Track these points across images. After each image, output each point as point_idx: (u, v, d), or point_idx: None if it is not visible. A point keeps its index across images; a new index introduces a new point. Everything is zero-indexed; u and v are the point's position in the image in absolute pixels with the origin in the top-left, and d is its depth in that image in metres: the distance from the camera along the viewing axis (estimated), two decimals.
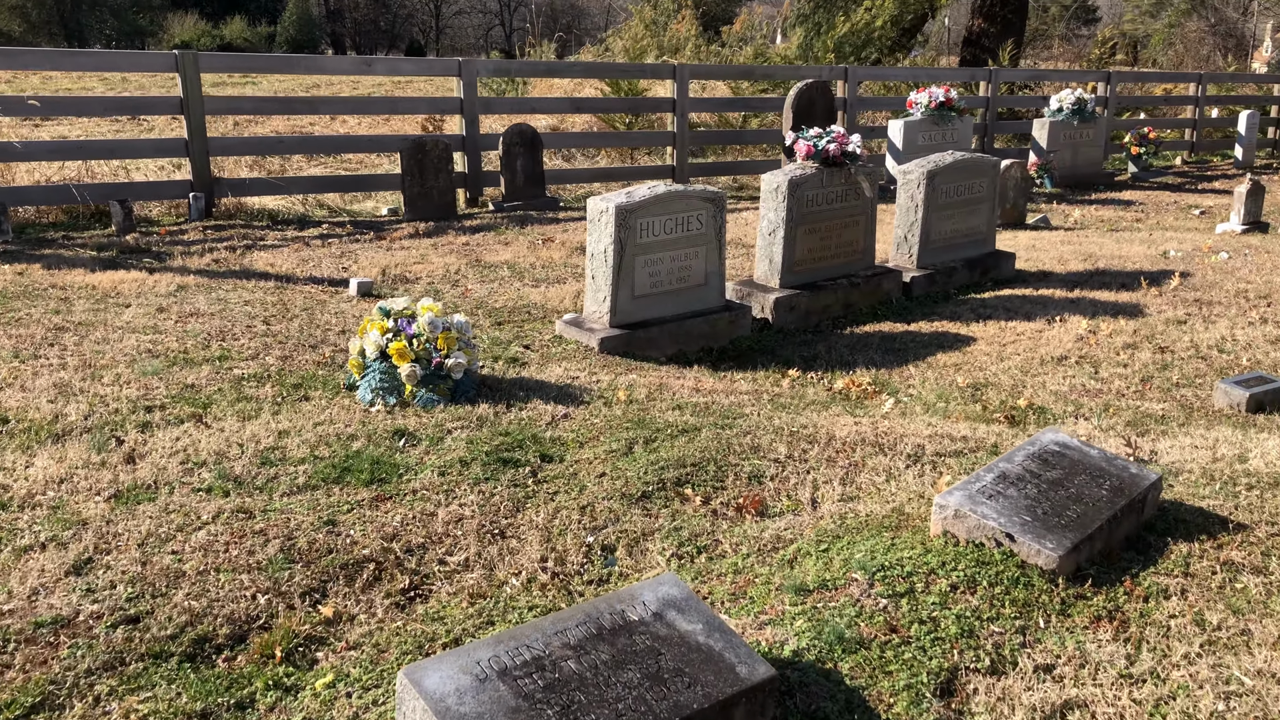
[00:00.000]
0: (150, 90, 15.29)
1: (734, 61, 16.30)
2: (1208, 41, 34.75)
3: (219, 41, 48.18)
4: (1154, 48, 35.88)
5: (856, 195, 6.69)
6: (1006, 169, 10.02)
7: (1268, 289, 7.02)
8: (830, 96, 11.99)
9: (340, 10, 64.05)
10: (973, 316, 6.56)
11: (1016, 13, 21.46)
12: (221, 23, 51.08)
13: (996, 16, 21.66)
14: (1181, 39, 32.58)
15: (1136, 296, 6.90)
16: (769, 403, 4.82)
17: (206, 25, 49.75)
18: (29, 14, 48.32)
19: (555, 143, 11.39)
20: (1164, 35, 36.12)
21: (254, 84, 19.46)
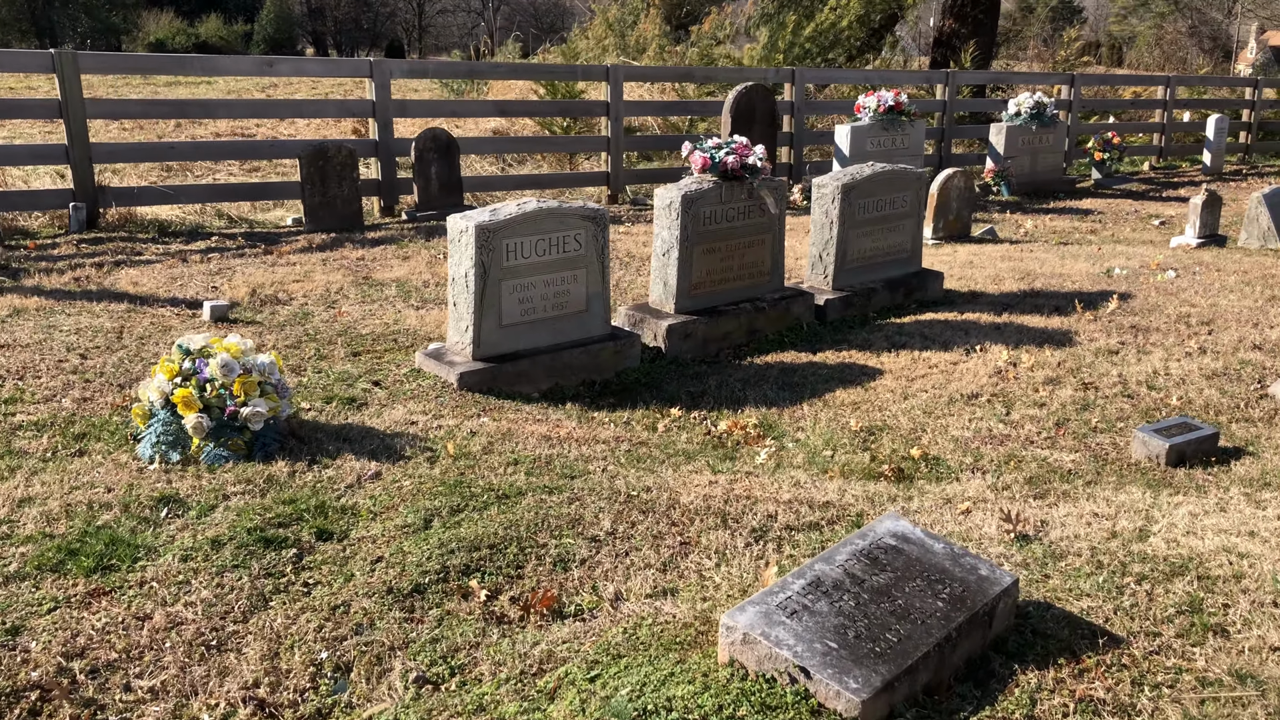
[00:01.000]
0: (36, 93, 14.60)
1: (690, 63, 15.68)
2: (1184, 43, 34.36)
3: (194, 40, 47.37)
4: (1139, 49, 35.46)
5: (761, 212, 6.10)
6: (949, 179, 9.46)
7: (1212, 313, 6.45)
8: (771, 101, 11.40)
9: (322, 9, 63.26)
10: (886, 345, 5.97)
11: (988, 13, 20.94)
12: (197, 20, 50.25)
13: (967, 17, 21.14)
14: (1158, 41, 32.15)
15: (1069, 322, 6.32)
16: (626, 454, 4.22)
17: (182, 23, 48.90)
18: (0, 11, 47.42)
19: (475, 148, 10.76)
20: (1147, 37, 35.72)
21: (209, 84, 18.75)
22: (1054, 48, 40.32)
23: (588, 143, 11.47)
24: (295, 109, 9.99)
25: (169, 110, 9.30)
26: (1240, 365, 5.50)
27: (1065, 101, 15.70)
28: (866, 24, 22.31)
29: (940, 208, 9.53)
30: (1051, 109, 13.48)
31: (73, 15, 50.55)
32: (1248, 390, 5.15)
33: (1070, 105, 15.66)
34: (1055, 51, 20.43)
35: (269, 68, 9.30)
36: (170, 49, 43.36)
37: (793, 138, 12.70)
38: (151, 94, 16.29)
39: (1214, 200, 9.37)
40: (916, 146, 12.29)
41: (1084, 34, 42.70)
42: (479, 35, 60.10)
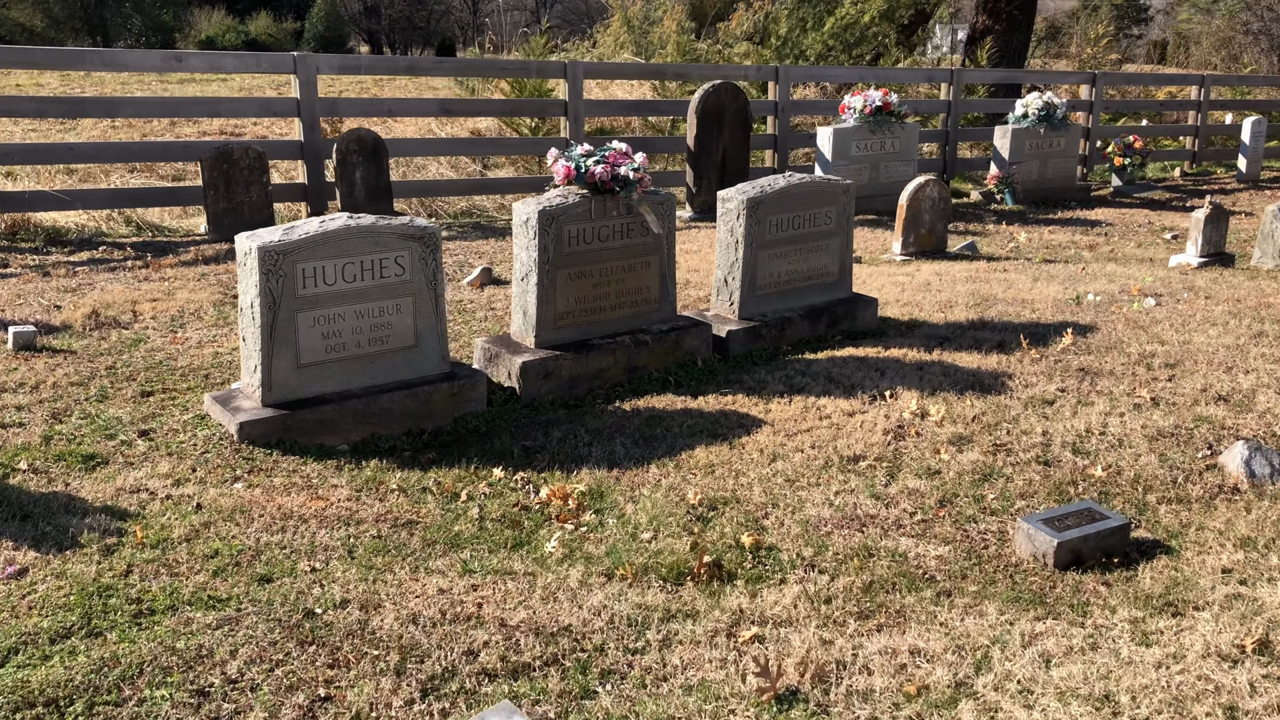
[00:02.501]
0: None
1: (670, 59, 14.79)
2: (1240, 41, 32.75)
3: (244, 37, 47.36)
4: (1205, 49, 33.83)
5: (644, 230, 5.22)
6: (919, 189, 8.50)
7: (1181, 353, 5.47)
8: (743, 101, 10.49)
9: (377, 7, 63.26)
10: (782, 389, 5.08)
11: (1023, 9, 19.79)
12: (248, 18, 50.26)
13: (1001, 13, 20.01)
14: (1208, 39, 30.57)
15: (1008, 362, 5.38)
16: (370, 542, 3.40)
17: (233, 21, 48.93)
18: (51, 9, 47.76)
19: (408, 150, 9.98)
20: (1210, 36, 34.13)
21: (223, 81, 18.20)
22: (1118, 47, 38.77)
23: (544, 145, 10.63)
24: (210, 107, 9.27)
25: (67, 109, 8.63)
26: (1195, 423, 4.53)
27: (1086, 103, 14.58)
28: (893, 20, 21.25)
29: (910, 220, 8.57)
30: (1062, 110, 12.42)
31: (125, 14, 50.85)
32: (1194, 458, 4.20)
33: (1091, 106, 14.52)
34: (1129, 50, 19.20)
35: (178, 63, 8.60)
36: (220, 47, 43.32)
37: (776, 140, 11.77)
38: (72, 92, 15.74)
39: (1219, 215, 8.31)
40: (909, 150, 11.32)
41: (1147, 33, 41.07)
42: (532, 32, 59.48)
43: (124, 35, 49.86)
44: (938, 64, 22.30)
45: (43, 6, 47.44)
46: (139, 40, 48.54)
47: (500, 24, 62.16)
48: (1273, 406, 4.71)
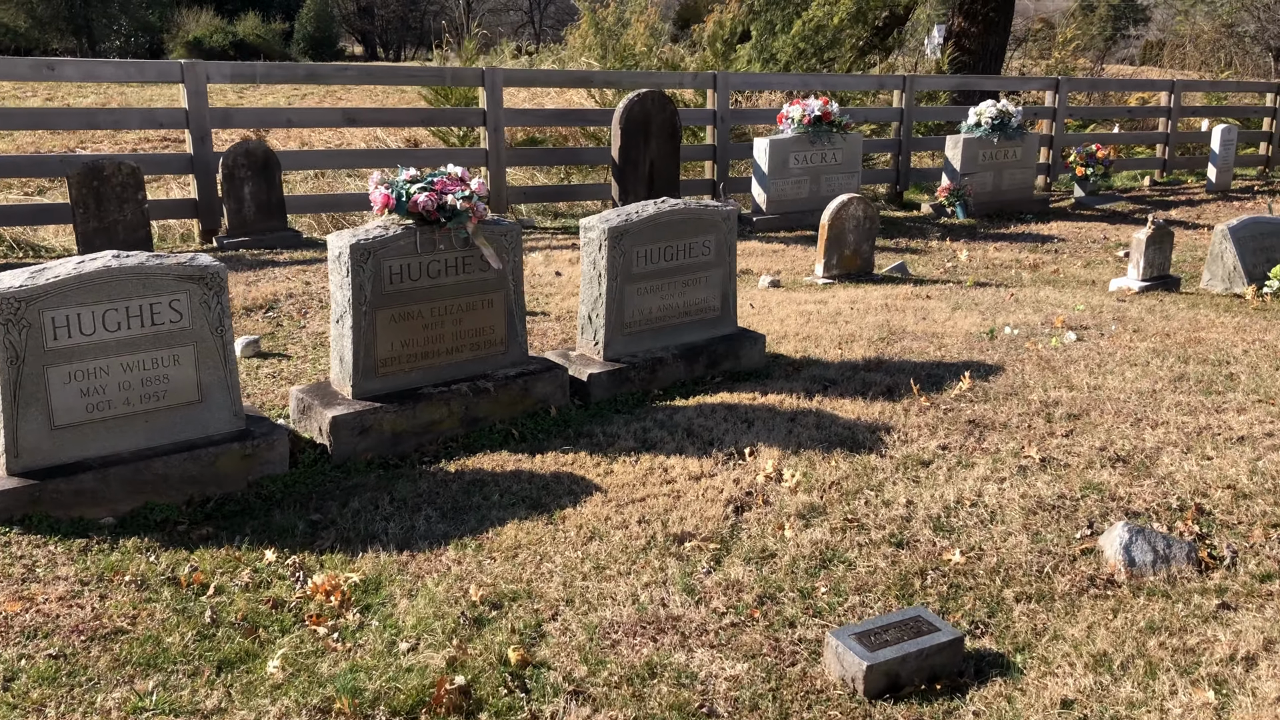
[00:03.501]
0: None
1: (611, 67, 14.22)
2: (1225, 44, 32.19)
3: (231, 38, 46.71)
4: (1201, 50, 33.26)
5: (483, 265, 4.64)
6: (842, 208, 7.93)
7: (1088, 402, 4.89)
8: (671, 110, 9.91)
9: (370, 7, 62.71)
10: (633, 444, 4.51)
11: (1000, 10, 19.26)
12: (236, 19, 49.58)
13: (978, 15, 19.52)
14: (1193, 42, 29.99)
15: (892, 411, 4.81)
16: (32, 676, 2.81)
17: (221, 21, 48.27)
18: (35, 10, 47.10)
19: (302, 163, 9.38)
20: (1203, 39, 33.54)
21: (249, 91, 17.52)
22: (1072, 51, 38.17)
23: (459, 156, 10.05)
24: (87, 119, 8.70)
25: None
26: (1084, 491, 3.95)
27: (1049, 109, 14.01)
28: (866, 22, 20.66)
29: (832, 241, 7.99)
30: (1017, 118, 11.85)
31: (111, 15, 50.18)
32: (1071, 539, 3.62)
33: (1054, 113, 13.95)
34: (1125, 52, 18.60)
35: (49, 71, 8.01)
36: (207, 48, 42.72)
37: (715, 151, 11.19)
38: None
39: (1162, 235, 7.74)
40: (852, 162, 10.76)
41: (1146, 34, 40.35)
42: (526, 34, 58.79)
43: (109, 36, 49.20)
44: (915, 67, 21.72)
45: (26, 7, 46.81)
46: (127, 41, 47.89)
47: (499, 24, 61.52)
48: (1174, 471, 4.14)
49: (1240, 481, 4.03)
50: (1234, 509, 3.84)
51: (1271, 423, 4.63)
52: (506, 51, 25.56)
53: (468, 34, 12.66)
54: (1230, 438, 4.48)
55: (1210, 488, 4.00)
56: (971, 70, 18.01)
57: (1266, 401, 4.91)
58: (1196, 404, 4.90)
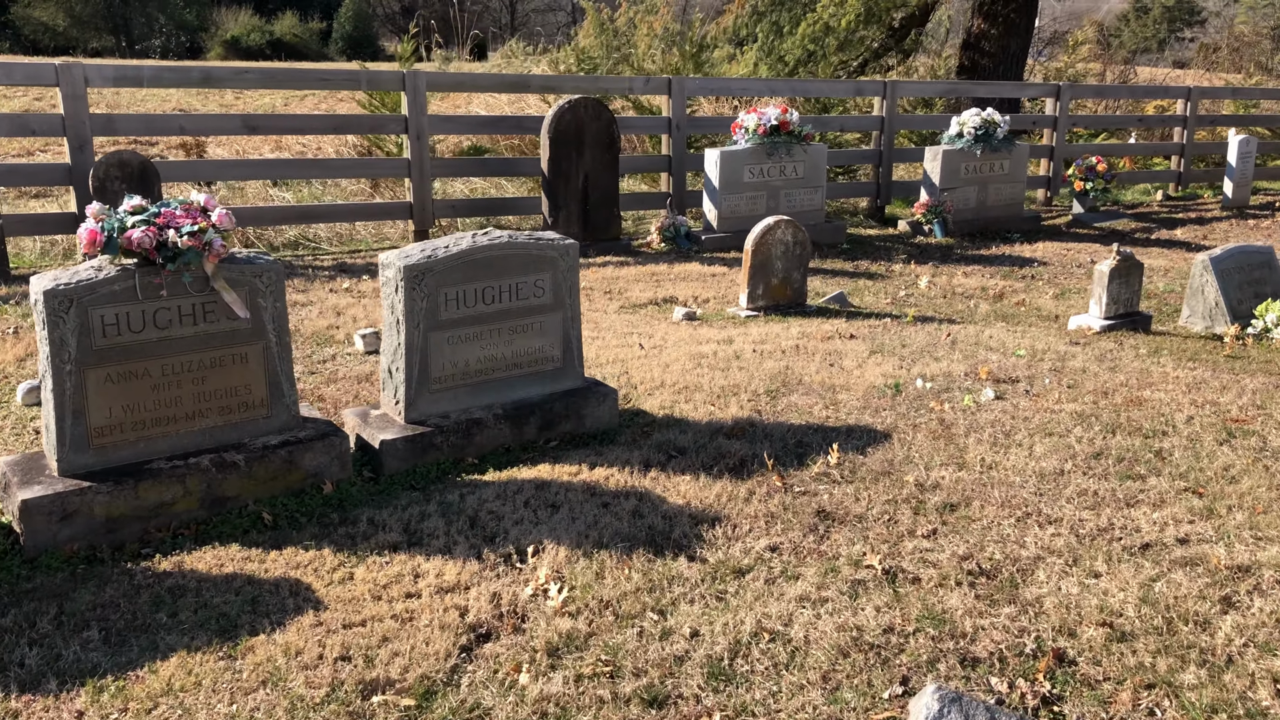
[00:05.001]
0: None
1: (579, 70, 13.38)
2: (1265, 47, 30.75)
3: (268, 37, 46.59)
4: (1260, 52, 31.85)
5: (229, 313, 3.82)
6: (767, 232, 7.04)
7: (975, 486, 3.99)
8: (607, 119, 9.06)
9: (413, 7, 62.57)
10: (396, 537, 3.73)
11: (1021, 12, 18.23)
12: (274, 18, 49.47)
13: (998, 16, 18.50)
14: (1230, 44, 28.59)
15: (732, 494, 3.99)
16: None
17: (259, 21, 48.18)
18: (74, 9, 47.23)
19: (188, 173, 8.62)
20: (1252, 40, 32.09)
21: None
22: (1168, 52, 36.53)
23: (379, 166, 9.27)
24: None
25: None
26: (920, 623, 3.06)
27: (1050, 118, 12.97)
28: (882, 23, 19.70)
29: (758, 269, 7.10)
30: (1004, 128, 10.85)
31: (150, 14, 50.23)
32: (874, 700, 2.74)
33: (1055, 122, 12.92)
34: (1068, 55, 17.51)
35: None
36: (244, 47, 42.60)
37: (671, 162, 10.31)
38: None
39: (1128, 267, 6.76)
40: (814, 176, 9.85)
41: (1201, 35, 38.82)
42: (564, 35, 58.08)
43: (149, 35, 49.21)
44: (934, 69, 20.69)
45: (65, 6, 46.90)
46: (168, 41, 47.90)
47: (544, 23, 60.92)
48: (1045, 594, 3.22)
49: (1124, 614, 3.11)
50: (1104, 657, 2.92)
51: (1189, 523, 3.69)
52: (518, 51, 24.85)
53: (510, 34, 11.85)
54: (1132, 545, 3.55)
55: (1083, 623, 3.09)
56: (991, 75, 16.97)
57: (1193, 491, 3.96)
58: (1106, 493, 3.96)
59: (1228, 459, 4.29)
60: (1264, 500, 3.88)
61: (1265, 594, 3.24)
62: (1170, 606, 3.18)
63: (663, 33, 19.26)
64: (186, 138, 11.12)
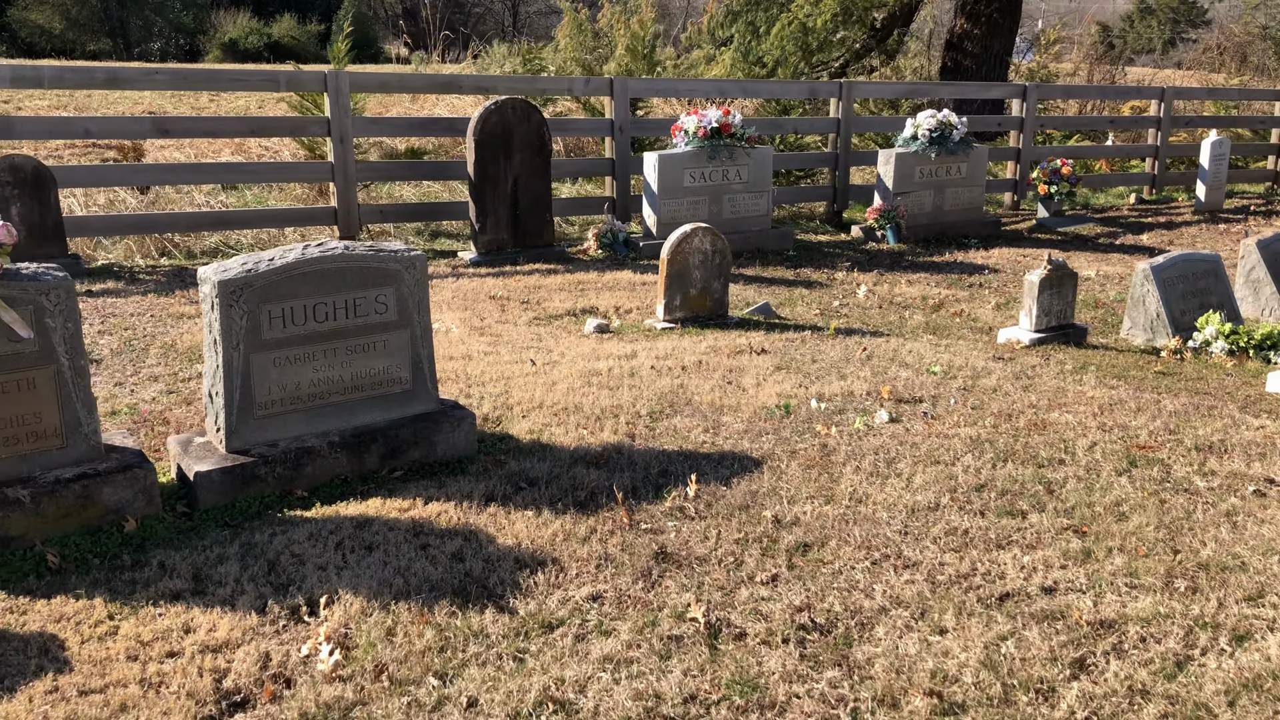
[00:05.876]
0: None
1: (537, 71, 13.01)
2: (1258, 47, 30.32)
3: (266, 39, 46.32)
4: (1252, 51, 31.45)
5: (10, 335, 3.45)
6: (684, 240, 6.67)
7: (841, 522, 3.62)
8: (537, 120, 8.69)
9: (415, 9, 62.45)
10: (180, 584, 3.39)
11: (1004, 12, 17.87)
12: (272, 20, 49.22)
13: (981, 16, 18.15)
14: (1217, 43, 28.15)
15: (573, 532, 3.64)
16: None
17: (258, 23, 47.92)
18: (70, 11, 46.99)
19: (98, 179, 8.26)
20: (1242, 40, 31.64)
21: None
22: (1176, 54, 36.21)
23: (300, 170, 8.91)
24: None
25: None
26: (729, 689, 2.73)
27: (1016, 119, 12.59)
28: (863, 23, 19.32)
29: (675, 279, 6.73)
30: (960, 130, 10.46)
31: (147, 17, 49.99)
32: None
33: (1021, 124, 12.53)
34: (1040, 55, 17.11)
35: None
36: (242, 50, 42.33)
37: (614, 166, 9.95)
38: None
39: (1060, 277, 6.38)
40: (760, 180, 9.48)
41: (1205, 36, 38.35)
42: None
43: (147, 38, 48.93)
44: (920, 71, 20.32)
45: (61, 9, 46.65)
46: (167, 43, 47.65)
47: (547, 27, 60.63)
48: (877, 654, 2.85)
49: (959, 681, 2.73)
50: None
51: (1061, 568, 3.31)
52: (500, 55, 24.54)
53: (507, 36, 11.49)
54: (991, 595, 3.17)
55: (911, 690, 2.71)
56: (974, 76, 16.59)
57: (1075, 530, 3.58)
58: (978, 532, 3.58)
59: (1122, 492, 3.91)
60: (1149, 541, 3.49)
61: (1124, 655, 2.86)
62: (1013, 671, 2.79)
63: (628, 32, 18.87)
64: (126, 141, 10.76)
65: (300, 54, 44.40)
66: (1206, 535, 3.57)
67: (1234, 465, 4.18)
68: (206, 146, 11.97)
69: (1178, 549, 3.46)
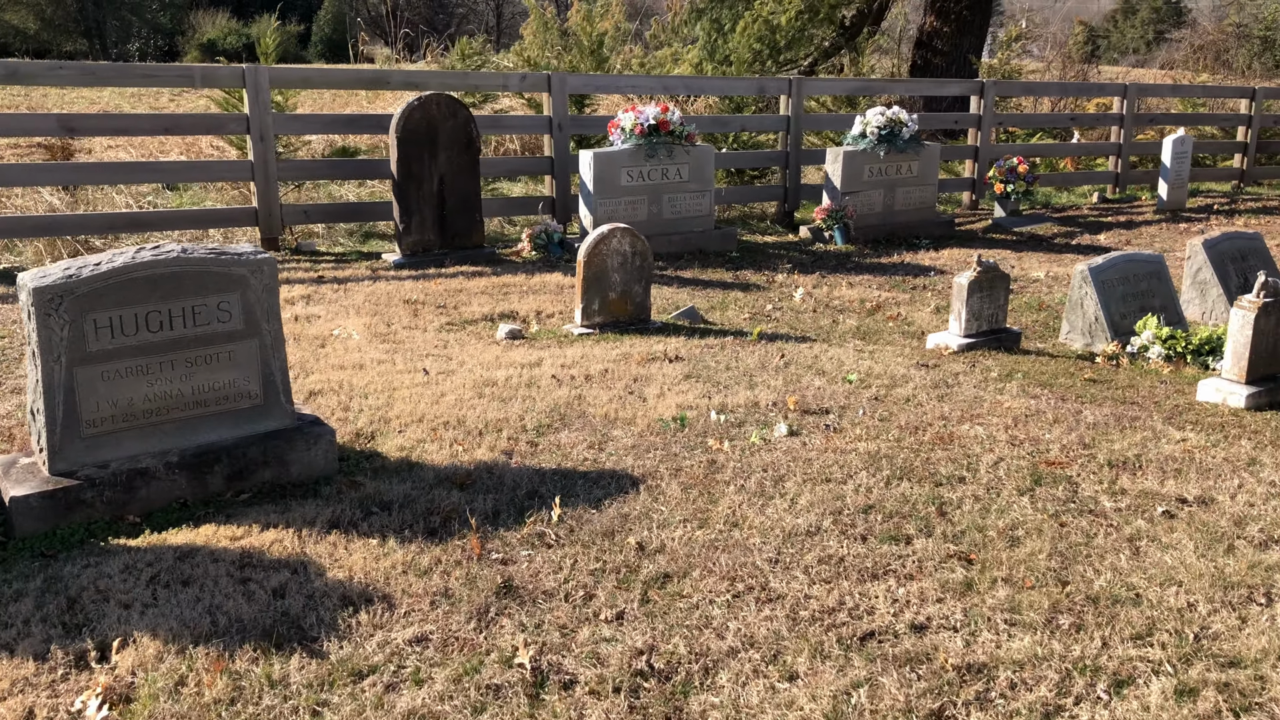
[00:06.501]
0: None
1: (488, 67, 12.68)
2: (1231, 45, 30.17)
3: (244, 40, 45.80)
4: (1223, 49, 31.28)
5: None
6: (601, 241, 6.35)
7: (710, 549, 3.36)
8: (464, 117, 8.36)
9: (397, 10, 61.92)
10: None
11: (974, 9, 17.59)
12: (251, 21, 48.72)
13: (950, 14, 17.88)
14: (1190, 40, 27.97)
15: (410, 564, 3.36)
16: None
17: (236, 24, 47.42)
18: (45, 12, 46.39)
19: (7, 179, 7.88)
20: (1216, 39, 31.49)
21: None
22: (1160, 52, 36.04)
23: (217, 169, 8.55)
24: None
25: None
26: None
27: (973, 117, 12.30)
28: (833, 21, 19.02)
29: (593, 282, 6.41)
30: (911, 128, 10.16)
31: (124, 18, 49.39)
32: None
33: (979, 121, 12.25)
34: (1002, 52, 16.83)
35: None
36: (221, 50, 41.82)
37: (553, 164, 9.61)
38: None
39: (992, 279, 6.07)
40: (702, 179, 9.17)
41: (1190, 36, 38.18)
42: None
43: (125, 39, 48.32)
44: (895, 69, 20.05)
45: (36, 9, 46.04)
46: (146, 44, 47.10)
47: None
48: (721, 703, 2.55)
49: None
50: None
51: (938, 601, 2.99)
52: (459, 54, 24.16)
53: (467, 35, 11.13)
54: (854, 633, 2.85)
55: None
56: (944, 74, 16.32)
57: (962, 557, 3.27)
58: (855, 560, 3.26)
59: (1020, 514, 3.59)
60: (1039, 571, 3.18)
61: (988, 706, 2.54)
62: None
63: (614, 31, 18.56)
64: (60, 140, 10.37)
65: (280, 55, 43.86)
66: (1103, 563, 3.26)
67: (1147, 483, 3.87)
68: (157, 146, 11.62)
69: (1068, 580, 3.14)
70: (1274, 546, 3.39)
